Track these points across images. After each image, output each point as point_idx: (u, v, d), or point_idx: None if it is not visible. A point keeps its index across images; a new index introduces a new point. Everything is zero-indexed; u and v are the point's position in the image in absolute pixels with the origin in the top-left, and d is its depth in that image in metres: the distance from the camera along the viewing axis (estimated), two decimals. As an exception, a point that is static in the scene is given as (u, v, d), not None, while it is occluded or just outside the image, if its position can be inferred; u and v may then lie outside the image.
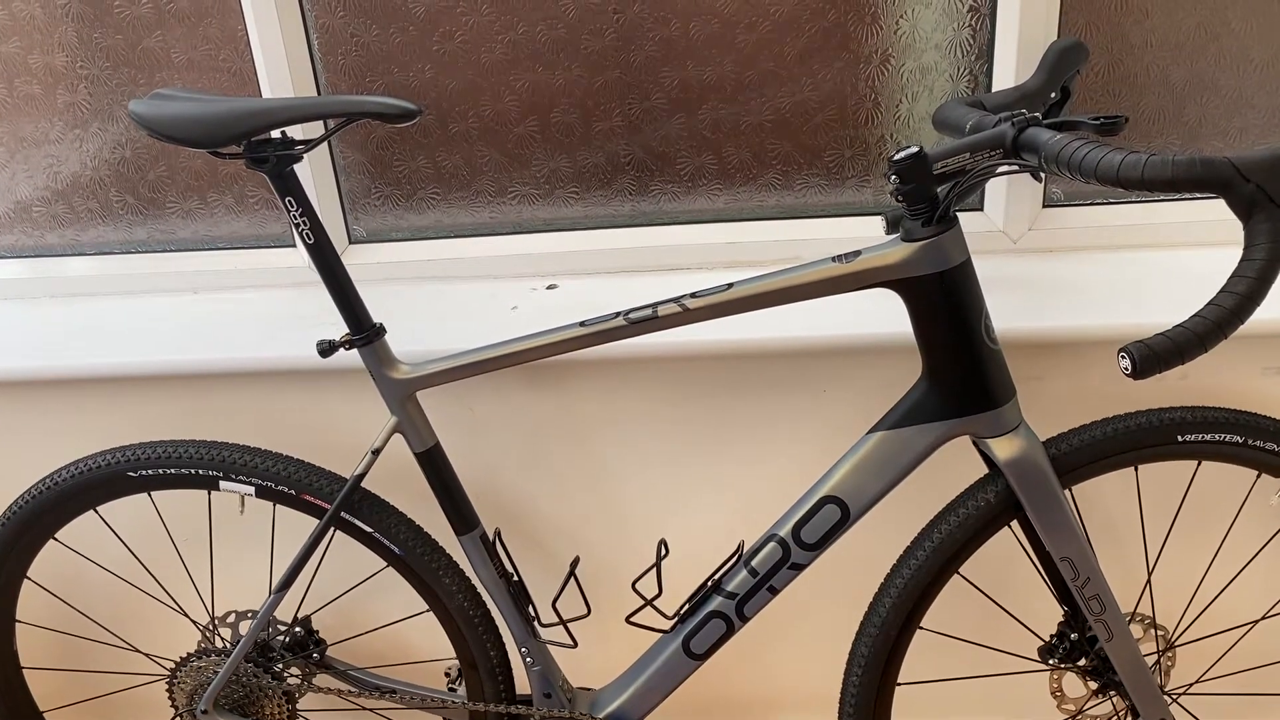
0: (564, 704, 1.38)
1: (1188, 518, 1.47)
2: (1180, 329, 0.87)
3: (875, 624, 1.28)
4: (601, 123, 1.53)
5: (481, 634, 1.38)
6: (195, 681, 1.42)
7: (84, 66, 1.56)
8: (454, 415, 1.50)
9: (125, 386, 1.53)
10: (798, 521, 1.22)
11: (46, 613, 1.70)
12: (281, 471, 1.33)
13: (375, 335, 1.23)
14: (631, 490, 1.54)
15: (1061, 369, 1.41)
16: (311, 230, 1.18)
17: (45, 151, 1.62)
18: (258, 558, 1.61)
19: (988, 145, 1.03)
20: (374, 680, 1.48)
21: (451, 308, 1.53)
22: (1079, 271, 1.45)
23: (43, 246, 1.70)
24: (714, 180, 1.56)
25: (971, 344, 1.11)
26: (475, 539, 1.31)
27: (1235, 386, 1.40)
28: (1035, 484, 1.17)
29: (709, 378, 1.46)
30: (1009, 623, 1.46)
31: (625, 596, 1.31)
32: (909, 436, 1.17)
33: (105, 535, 1.57)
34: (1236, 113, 1.47)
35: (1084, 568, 1.20)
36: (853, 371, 1.43)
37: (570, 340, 1.19)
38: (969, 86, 1.47)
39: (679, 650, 1.29)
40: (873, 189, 1.54)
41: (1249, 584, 1.52)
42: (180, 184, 1.63)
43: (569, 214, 1.60)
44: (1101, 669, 1.30)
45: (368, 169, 1.60)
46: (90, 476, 1.36)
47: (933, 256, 1.08)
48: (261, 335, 1.50)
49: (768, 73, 1.48)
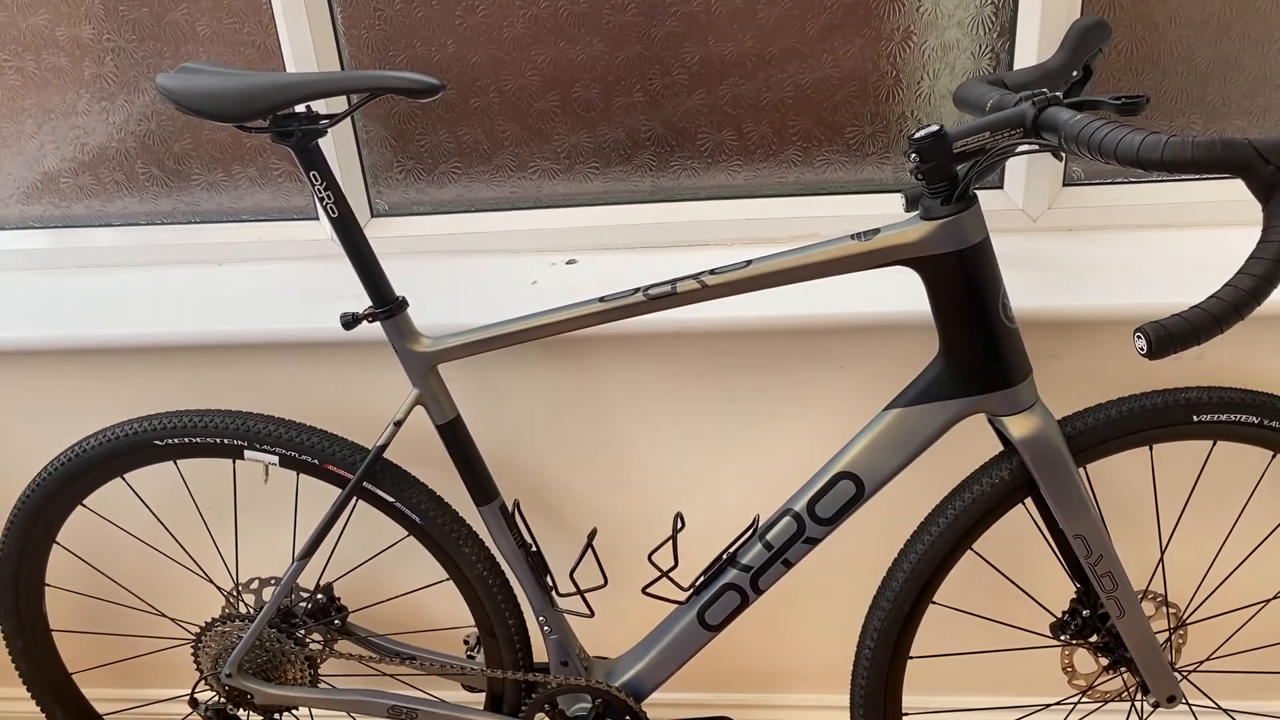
0: (580, 672, 1.40)
1: (1201, 497, 1.48)
2: (1197, 310, 0.88)
3: (888, 598, 1.29)
4: (622, 98, 1.54)
5: (500, 603, 1.40)
6: (220, 646, 1.45)
7: (110, 39, 1.57)
8: (475, 388, 1.52)
9: (151, 357, 1.55)
10: (813, 496, 1.23)
11: (75, 577, 1.73)
12: (305, 441, 1.35)
13: (398, 308, 1.24)
14: (649, 464, 1.56)
15: (1078, 348, 1.41)
16: (336, 204, 1.19)
17: (72, 123, 1.64)
18: (281, 526, 1.64)
19: (1008, 124, 1.03)
20: (394, 646, 1.50)
21: (472, 282, 1.54)
22: (1098, 251, 1.45)
23: (70, 217, 1.72)
24: (734, 156, 1.56)
25: (989, 322, 1.12)
26: (495, 510, 1.33)
27: (1252, 367, 1.40)
28: (1050, 462, 1.18)
29: (727, 354, 1.47)
30: (1021, 599, 1.47)
31: (642, 568, 1.33)
32: (925, 414, 1.18)
33: (132, 502, 1.60)
34: (1260, 92, 1.46)
35: (1097, 545, 1.21)
36: (870, 349, 1.44)
37: (590, 315, 1.20)
38: (990, 64, 1.47)
39: (694, 621, 1.31)
40: (893, 166, 1.54)
41: (1262, 563, 1.53)
42: (205, 156, 1.65)
43: (589, 189, 1.61)
44: (1113, 645, 1.31)
45: (390, 143, 1.61)
46: (117, 445, 1.39)
47: (952, 235, 1.09)
48: (285, 307, 1.52)
49: (789, 49, 1.48)
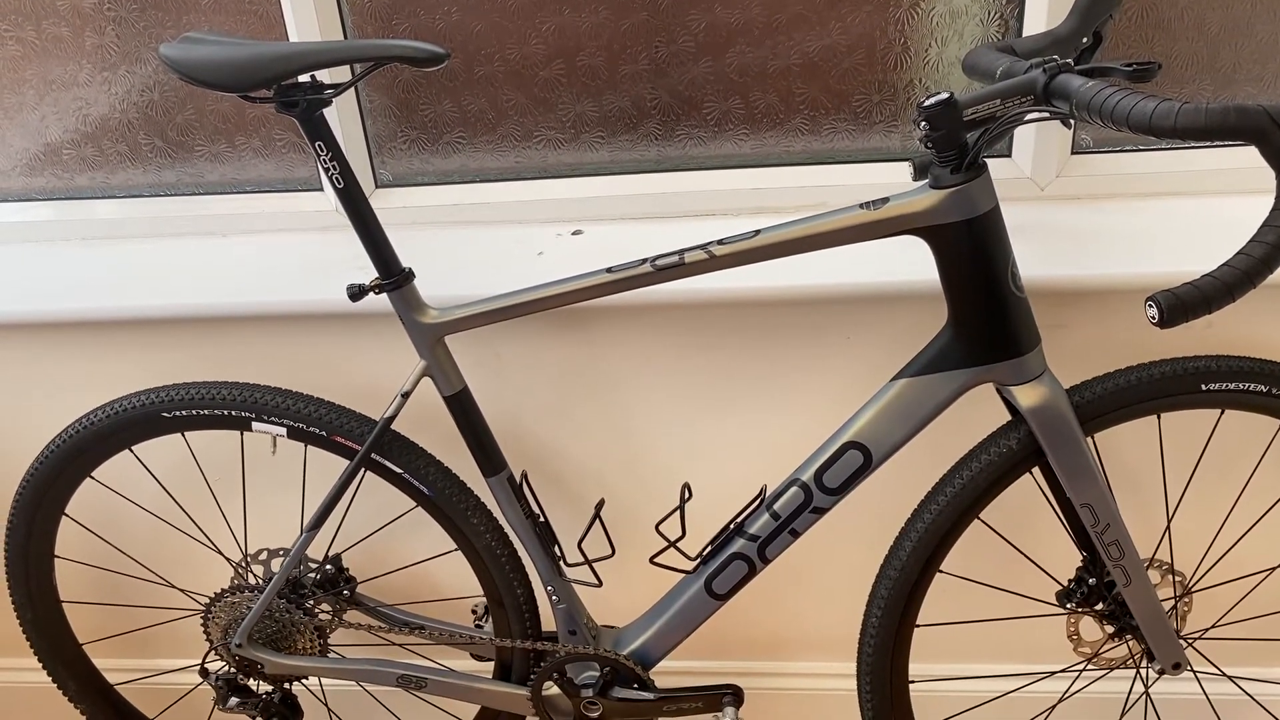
0: (588, 641, 1.41)
1: (1209, 466, 1.48)
2: (1208, 279, 0.87)
3: (896, 567, 1.30)
4: (628, 66, 1.52)
5: (508, 573, 1.40)
6: (229, 617, 1.46)
7: (111, 8, 1.56)
8: (482, 359, 1.52)
9: (157, 329, 1.55)
10: (820, 466, 1.23)
11: (85, 549, 1.74)
12: (313, 413, 1.35)
13: (404, 280, 1.24)
14: (656, 434, 1.56)
15: (1086, 317, 1.41)
16: (341, 175, 1.19)
17: (74, 94, 1.63)
18: (289, 497, 1.64)
19: (1018, 92, 1.02)
20: (403, 616, 1.51)
21: (478, 253, 1.54)
22: (1106, 219, 1.44)
23: (73, 189, 1.71)
24: (741, 125, 1.55)
25: (997, 292, 1.12)
26: (503, 481, 1.34)
27: (1261, 336, 1.39)
28: (1058, 431, 1.18)
29: (735, 324, 1.46)
30: (1028, 567, 1.48)
31: (649, 538, 1.33)
32: (933, 384, 1.18)
33: (141, 474, 1.60)
34: (1271, 58, 1.44)
35: (1104, 514, 1.22)
36: (878, 318, 1.44)
37: (597, 286, 1.20)
38: (999, 31, 1.45)
39: (701, 590, 1.32)
40: (901, 134, 1.53)
41: (1267, 531, 1.53)
42: (208, 127, 1.64)
43: (594, 159, 1.60)
44: (1118, 613, 1.32)
45: (394, 112, 1.60)
46: (125, 417, 1.39)
47: (961, 204, 1.08)
48: (292, 279, 1.52)
49: (796, 16, 1.47)
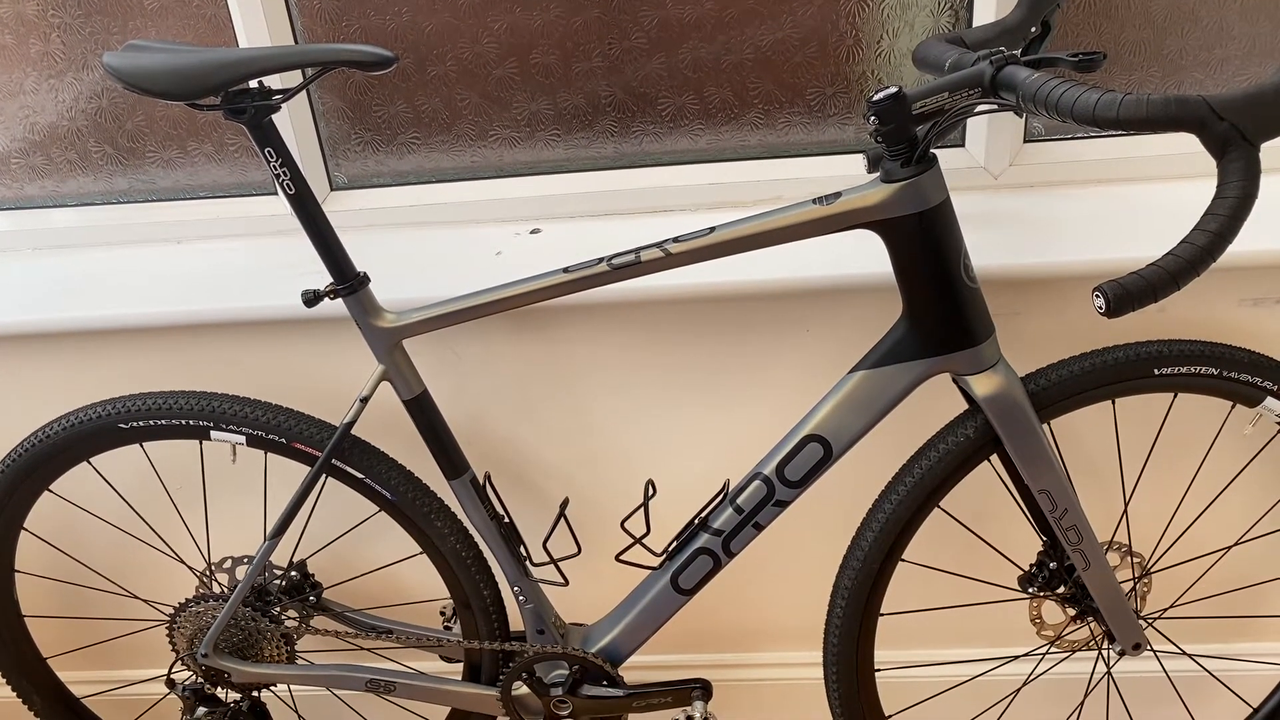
0: (557, 640, 1.41)
1: (1164, 449, 1.50)
2: (1154, 268, 0.88)
3: (858, 557, 1.31)
4: (581, 63, 1.52)
5: (474, 574, 1.40)
6: (195, 626, 1.45)
7: (55, 14, 1.53)
8: (441, 362, 1.51)
9: (112, 339, 1.53)
10: (781, 460, 1.24)
11: (46, 562, 1.72)
12: (271, 420, 1.34)
13: (359, 284, 1.23)
14: (618, 432, 1.56)
15: (1040, 305, 1.42)
16: (292, 180, 1.18)
17: (20, 102, 1.60)
18: (251, 505, 1.63)
19: (966, 84, 1.03)
20: (371, 621, 1.50)
21: (435, 254, 1.53)
22: (1060, 207, 1.46)
23: (23, 199, 1.68)
24: (696, 120, 1.55)
25: (950, 283, 1.13)
26: (466, 483, 1.33)
27: (1213, 318, 1.41)
28: (1014, 419, 1.19)
29: (693, 320, 1.47)
30: (989, 553, 1.49)
31: (614, 536, 1.33)
32: (890, 375, 1.19)
33: (101, 485, 1.58)
34: (1217, 44, 1.46)
35: (1062, 499, 1.23)
36: (835, 312, 1.45)
37: (555, 286, 1.20)
38: (950, 22, 1.46)
39: (667, 586, 1.32)
40: (855, 126, 1.54)
41: (1222, 512, 1.55)
42: (159, 133, 1.61)
43: (551, 157, 1.59)
44: (1079, 596, 1.34)
45: (347, 114, 1.59)
46: (81, 429, 1.37)
47: (912, 197, 1.09)
48: (247, 285, 1.50)
49: (748, 10, 1.47)
